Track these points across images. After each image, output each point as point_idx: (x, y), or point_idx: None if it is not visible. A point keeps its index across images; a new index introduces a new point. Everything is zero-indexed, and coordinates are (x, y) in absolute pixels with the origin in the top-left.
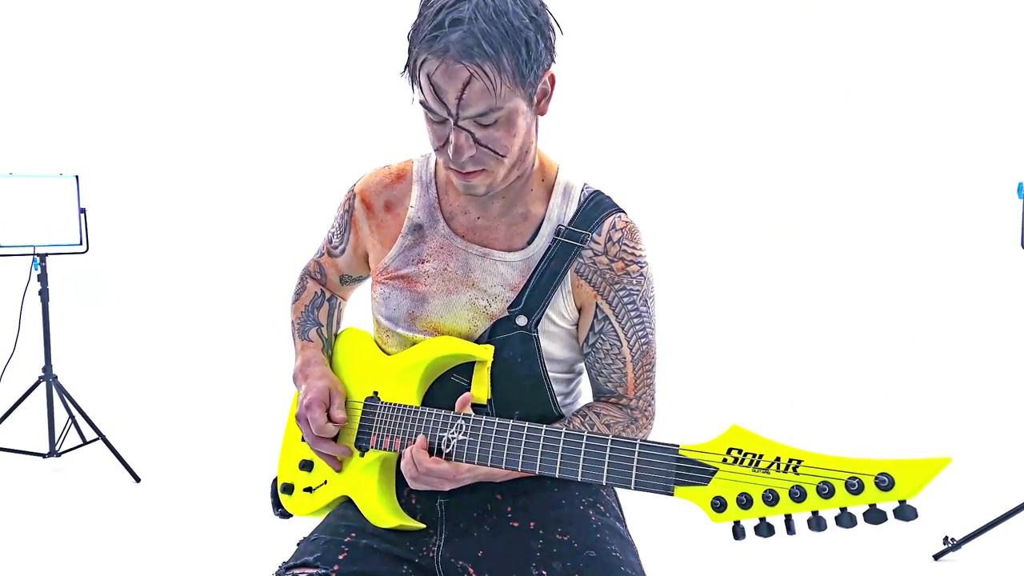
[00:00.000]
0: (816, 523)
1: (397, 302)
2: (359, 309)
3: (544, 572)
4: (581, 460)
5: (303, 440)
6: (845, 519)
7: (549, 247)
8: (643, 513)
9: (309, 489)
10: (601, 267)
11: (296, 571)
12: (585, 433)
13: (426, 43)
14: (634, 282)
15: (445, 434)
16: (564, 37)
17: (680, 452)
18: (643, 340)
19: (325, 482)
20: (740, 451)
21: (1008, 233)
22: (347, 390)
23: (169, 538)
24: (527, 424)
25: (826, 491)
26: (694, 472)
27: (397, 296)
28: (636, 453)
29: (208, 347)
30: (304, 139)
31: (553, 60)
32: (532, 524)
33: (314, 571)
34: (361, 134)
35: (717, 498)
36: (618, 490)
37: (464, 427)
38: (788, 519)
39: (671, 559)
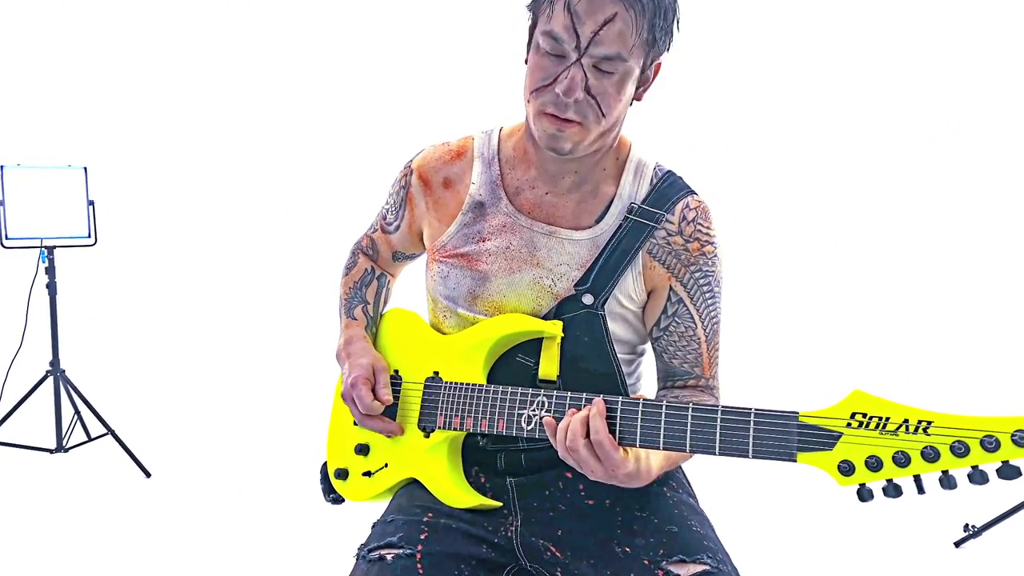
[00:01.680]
0: (947, 481)
1: (457, 281)
2: (409, 288)
3: (628, 549)
4: (688, 431)
5: (357, 424)
6: (977, 476)
7: (620, 225)
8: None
9: (368, 473)
10: (676, 248)
11: (379, 552)
12: (690, 404)
13: None
14: (709, 263)
15: (525, 411)
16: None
17: (800, 419)
18: (715, 320)
19: (386, 465)
20: (865, 415)
21: None
22: (401, 371)
23: (180, 534)
24: (620, 398)
25: (961, 450)
26: (817, 438)
27: (457, 275)
28: (751, 422)
29: (217, 340)
30: (312, 132)
31: (668, 49)
32: (608, 502)
33: (398, 551)
34: (367, 125)
35: (844, 462)
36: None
37: (546, 403)
38: (918, 479)
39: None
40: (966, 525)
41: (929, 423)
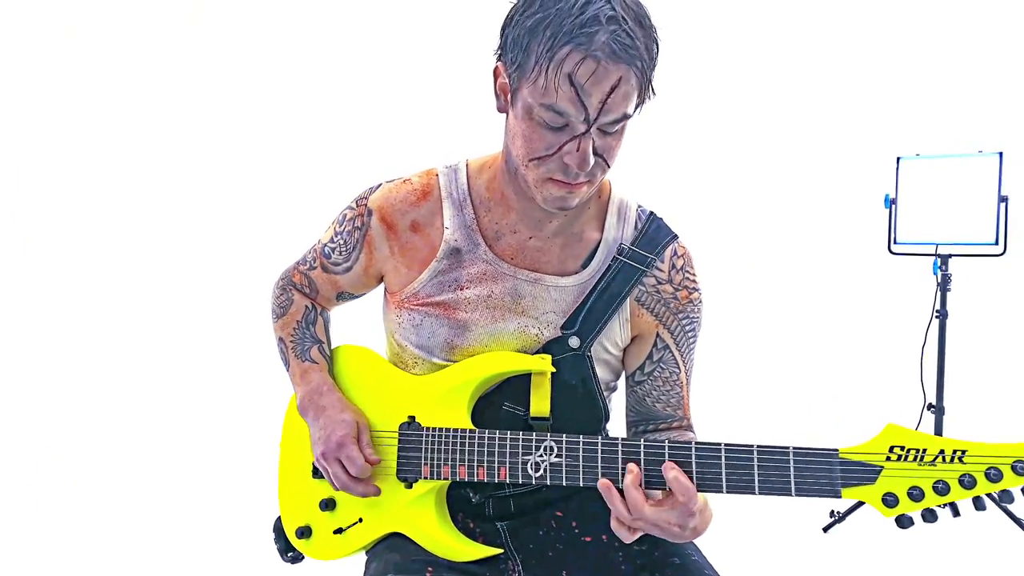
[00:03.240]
0: (979, 503)
1: (432, 330)
2: (346, 319)
3: None
4: (724, 472)
5: (316, 477)
6: (1007, 497)
7: (608, 268)
8: None
9: (340, 531)
10: (665, 296)
11: None
12: (723, 445)
13: (574, 39)
14: (695, 310)
15: (531, 458)
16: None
17: (841, 455)
18: (693, 362)
19: (360, 520)
20: (903, 448)
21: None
22: (367, 417)
23: None
24: (643, 440)
25: (994, 475)
26: (860, 472)
27: (432, 324)
28: (791, 460)
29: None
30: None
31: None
32: (604, 538)
33: None
34: (361, 130)
35: (889, 494)
36: None
37: (556, 449)
38: (953, 504)
39: None
40: (832, 511)
41: (964, 452)
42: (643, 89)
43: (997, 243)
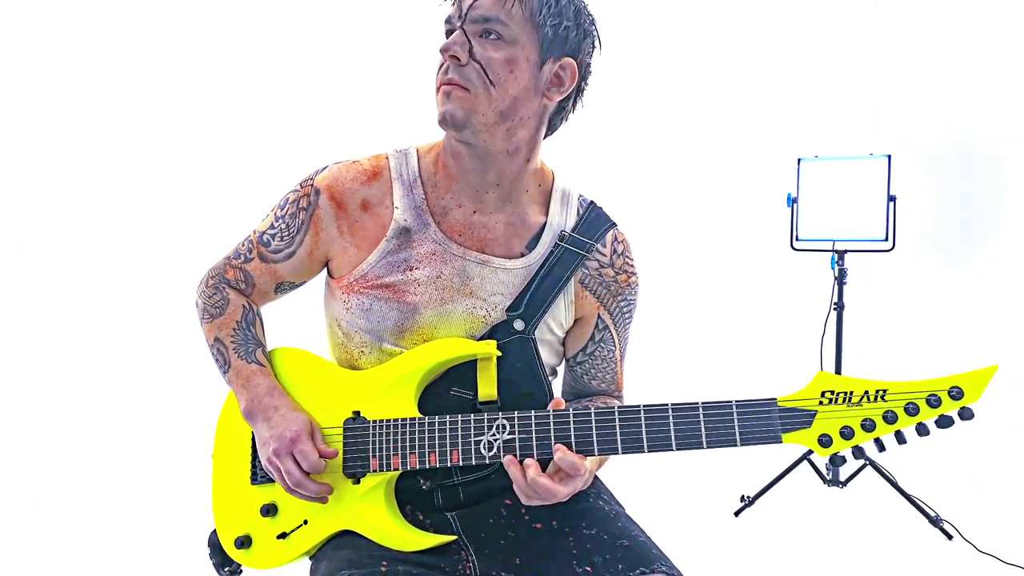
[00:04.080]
0: (899, 438)
1: (382, 313)
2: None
3: (588, 568)
4: (672, 430)
5: (256, 483)
6: (924, 429)
7: (551, 253)
8: None
9: (284, 535)
10: (607, 279)
11: None
12: (669, 404)
13: None
14: (633, 292)
15: (483, 438)
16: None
17: (779, 403)
18: (627, 340)
19: (305, 522)
20: (833, 392)
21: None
22: (311, 416)
23: None
24: (595, 406)
25: (913, 409)
26: (797, 418)
27: (382, 307)
28: (735, 413)
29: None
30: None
31: (576, 57)
32: (555, 523)
33: None
34: (360, 130)
35: (823, 436)
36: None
37: (508, 426)
38: (879, 441)
39: None
40: (742, 496)
41: (884, 391)
42: (531, 17)
43: (887, 240)
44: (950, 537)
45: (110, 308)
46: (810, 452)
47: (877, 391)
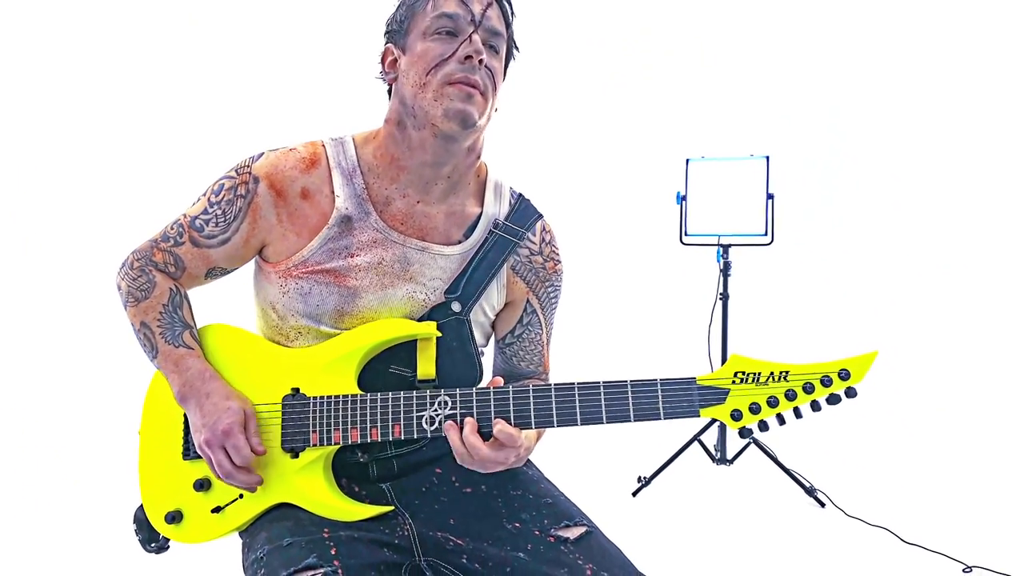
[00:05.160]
0: (797, 414)
1: (321, 298)
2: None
3: (517, 524)
4: (603, 405)
5: (189, 458)
6: (817, 406)
7: (485, 240)
8: None
9: (218, 509)
10: (536, 266)
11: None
12: (601, 382)
13: None
14: (559, 279)
15: (425, 413)
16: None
17: (698, 382)
18: (553, 324)
19: (240, 496)
20: (744, 372)
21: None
22: (247, 393)
23: None
24: (532, 384)
25: (809, 388)
26: (712, 395)
27: (321, 291)
28: (659, 389)
29: None
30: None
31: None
32: (484, 487)
33: (315, 572)
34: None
35: (735, 411)
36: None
37: (449, 403)
38: (780, 416)
39: None
40: (639, 477)
41: (787, 372)
42: (509, 38)
43: (766, 234)
44: (823, 505)
45: (110, 308)
46: (701, 433)
47: (780, 372)
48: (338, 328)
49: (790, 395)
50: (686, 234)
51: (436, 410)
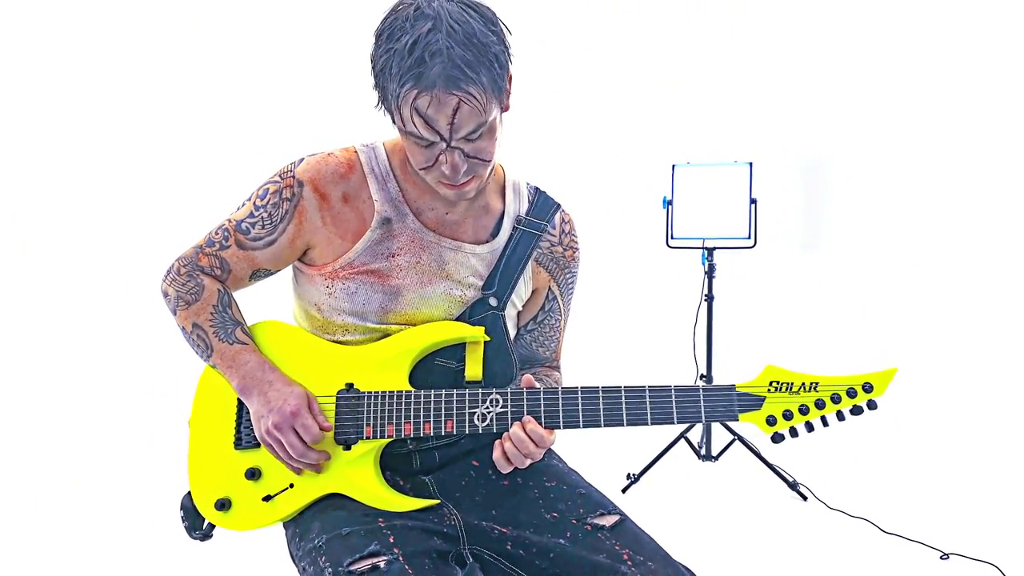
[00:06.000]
0: (824, 422)
1: (367, 296)
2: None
3: (555, 514)
4: (648, 408)
5: (241, 448)
6: (842, 416)
7: (511, 236)
8: None
9: (269, 497)
10: (556, 255)
11: (367, 563)
12: (647, 386)
13: (409, 79)
14: (576, 266)
15: (477, 410)
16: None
17: (737, 389)
18: (569, 312)
19: (291, 485)
20: (779, 382)
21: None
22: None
23: None
24: (579, 387)
25: (836, 399)
26: (750, 401)
27: (367, 291)
28: (701, 395)
29: None
30: None
31: (511, 60)
32: (519, 480)
33: (379, 560)
34: (358, 131)
35: (769, 416)
36: None
37: (501, 401)
38: (809, 423)
39: None
40: (628, 474)
41: (816, 383)
42: (492, 91)
43: (749, 238)
44: (805, 498)
45: (110, 308)
46: (687, 430)
47: (811, 383)
48: (383, 323)
49: (819, 404)
50: (672, 237)
51: (488, 407)
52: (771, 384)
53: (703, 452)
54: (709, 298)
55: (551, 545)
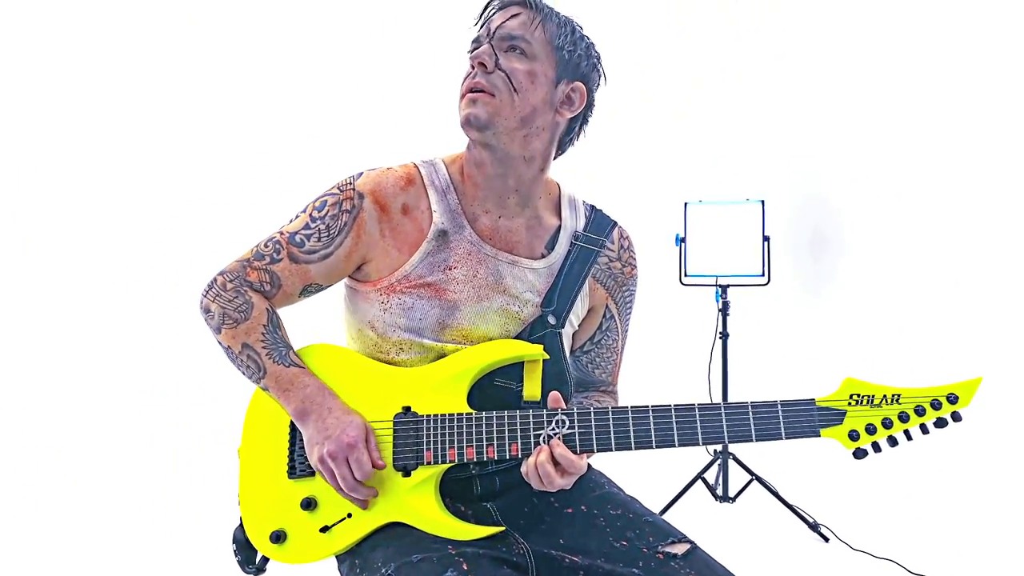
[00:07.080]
0: (908, 436)
1: (424, 311)
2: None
3: (624, 543)
4: (724, 425)
5: (295, 477)
6: (926, 429)
7: (569, 252)
8: None
9: (326, 528)
10: (615, 271)
11: None
12: (722, 404)
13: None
14: (634, 284)
15: (543, 431)
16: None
17: (817, 403)
18: (627, 333)
19: (349, 515)
20: (859, 395)
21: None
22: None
23: None
24: (650, 405)
25: (920, 411)
26: (831, 415)
27: (424, 305)
28: (779, 411)
29: None
30: None
31: (585, 83)
32: (584, 508)
33: None
34: (358, 131)
35: (852, 431)
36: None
37: (567, 422)
38: (892, 437)
39: None
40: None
41: (899, 395)
42: (550, 40)
43: (763, 275)
44: (827, 539)
45: (110, 308)
46: (704, 471)
47: (893, 395)
48: (440, 340)
49: (903, 417)
50: (686, 275)
51: (554, 428)
52: (852, 397)
53: (720, 493)
54: (724, 335)
55: (624, 574)
